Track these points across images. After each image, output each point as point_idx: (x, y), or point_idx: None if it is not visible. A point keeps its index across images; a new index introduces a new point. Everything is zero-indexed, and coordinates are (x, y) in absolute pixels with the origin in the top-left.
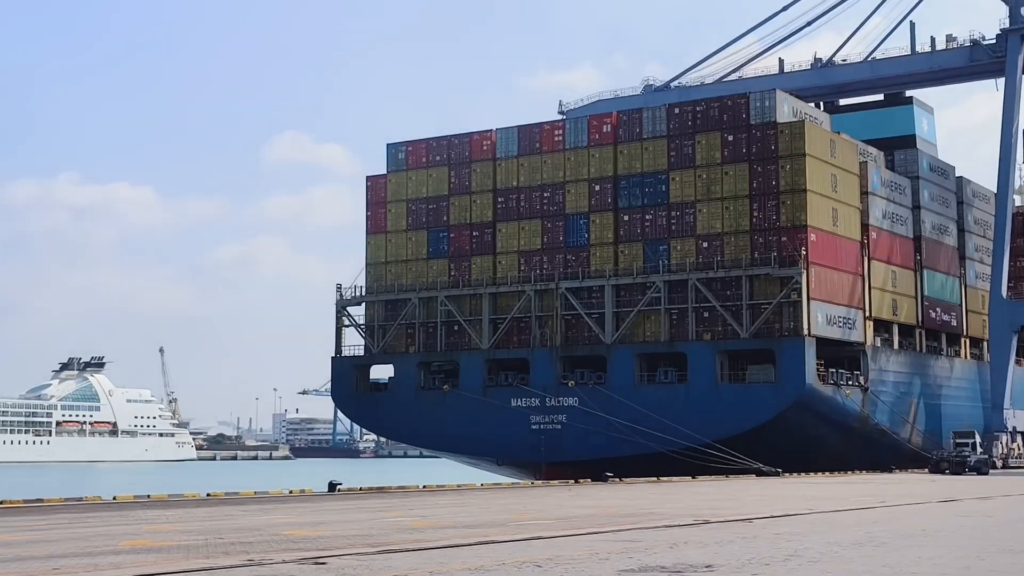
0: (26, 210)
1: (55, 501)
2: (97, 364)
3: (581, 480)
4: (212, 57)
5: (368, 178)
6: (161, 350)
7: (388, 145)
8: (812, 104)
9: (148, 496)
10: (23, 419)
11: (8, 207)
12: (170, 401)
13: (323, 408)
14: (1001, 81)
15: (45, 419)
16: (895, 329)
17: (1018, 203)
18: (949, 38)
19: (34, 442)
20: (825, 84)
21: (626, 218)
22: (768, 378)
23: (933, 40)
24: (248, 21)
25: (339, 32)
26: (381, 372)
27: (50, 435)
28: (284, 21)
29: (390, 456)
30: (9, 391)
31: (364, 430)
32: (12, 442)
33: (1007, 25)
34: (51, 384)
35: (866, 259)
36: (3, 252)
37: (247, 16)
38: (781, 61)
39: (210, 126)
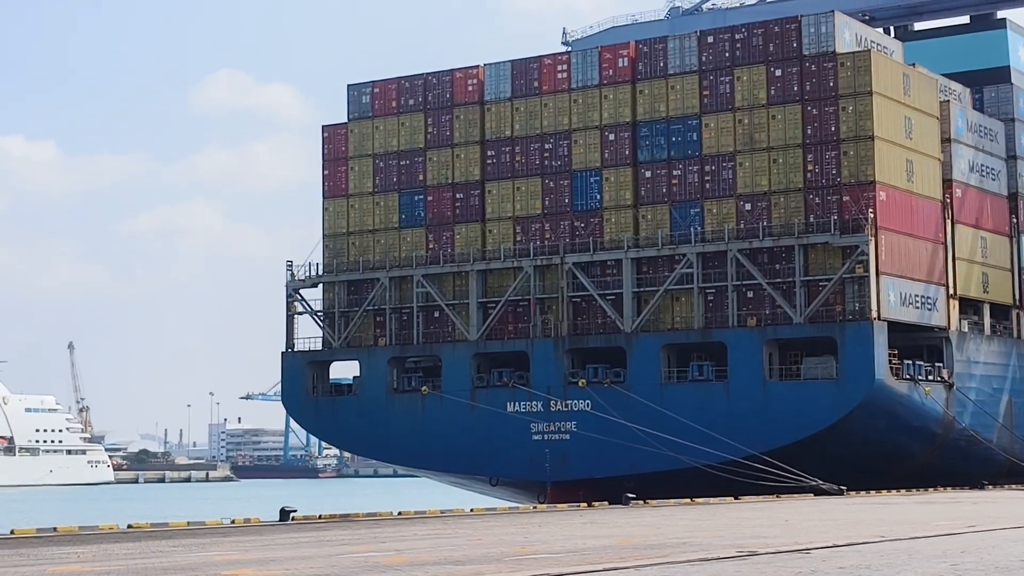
0: None
1: None
2: None
3: (596, 503)
4: None
5: (324, 128)
6: (70, 346)
7: (349, 87)
8: (880, 29)
9: (54, 529)
10: None
11: None
12: (80, 410)
13: (272, 417)
14: None
15: None
16: (986, 310)
17: None
18: None
19: None
20: (896, 3)
21: (648, 174)
22: (828, 373)
23: None
24: None
25: None
26: (344, 370)
27: None
28: None
29: (356, 475)
30: None
31: (323, 443)
32: None
33: None
34: None
35: (949, 223)
36: None
37: None
38: None
39: (124, 65)
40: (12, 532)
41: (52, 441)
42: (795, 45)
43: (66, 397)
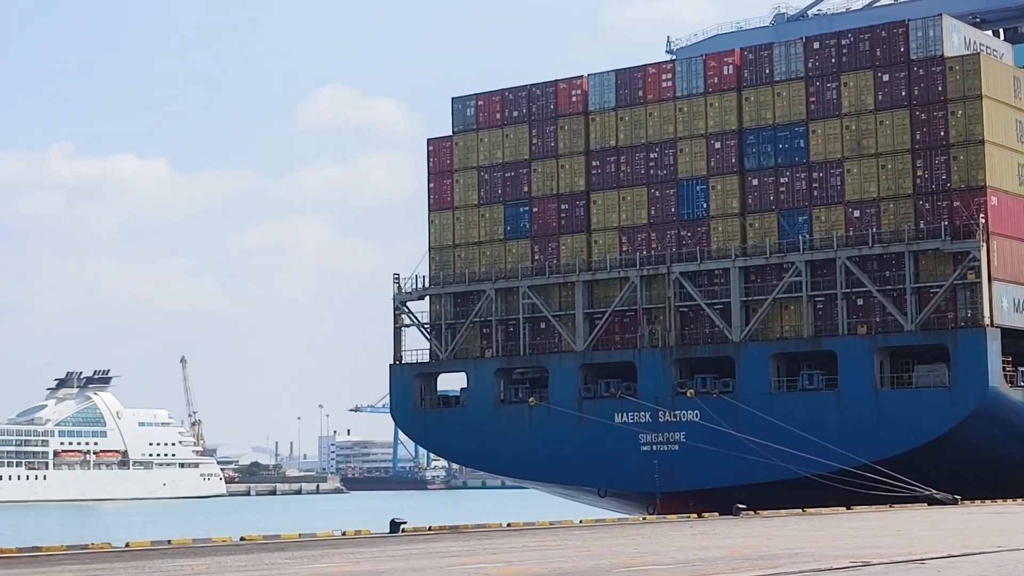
0: (10, 190)
1: (56, 549)
2: (102, 379)
3: (705, 514)
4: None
5: (429, 141)
6: (182, 360)
7: (453, 100)
8: (989, 32)
9: (168, 542)
10: (14, 448)
11: None
12: (193, 423)
13: (381, 429)
14: None
15: (40, 448)
16: None
17: None
18: None
19: (28, 476)
20: (1006, 5)
21: (755, 182)
22: (941, 381)
23: None
24: None
25: None
26: (451, 382)
27: (46, 468)
28: None
29: (465, 487)
30: None
31: (432, 455)
32: (1, 476)
33: None
34: (47, 405)
35: None
36: None
37: None
38: None
39: (233, 83)
40: (127, 545)
41: (165, 455)
42: (902, 50)
43: (179, 411)
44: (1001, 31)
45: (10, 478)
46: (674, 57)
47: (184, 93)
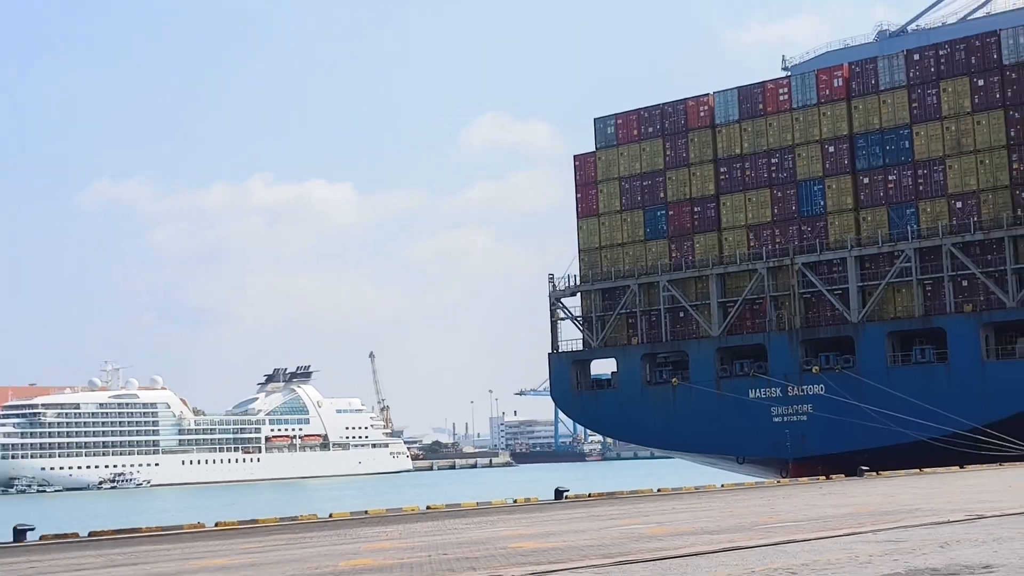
0: (216, 215)
1: (270, 521)
2: (304, 374)
3: (833, 476)
4: (400, 40)
5: (575, 157)
6: (371, 355)
7: (595, 120)
8: None
9: (365, 512)
10: (231, 436)
11: (203, 214)
12: (382, 409)
13: (543, 409)
14: None
15: (254, 435)
16: None
17: None
18: None
19: (243, 460)
20: None
21: (866, 180)
22: None
23: None
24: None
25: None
26: (602, 367)
27: (259, 452)
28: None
29: (618, 458)
30: (216, 407)
31: (588, 431)
32: (222, 460)
33: None
34: (257, 398)
35: None
36: (200, 261)
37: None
38: None
39: (405, 114)
40: (331, 516)
41: (359, 437)
42: (995, 56)
43: (369, 399)
44: None
45: (229, 461)
46: (789, 73)
47: (364, 125)
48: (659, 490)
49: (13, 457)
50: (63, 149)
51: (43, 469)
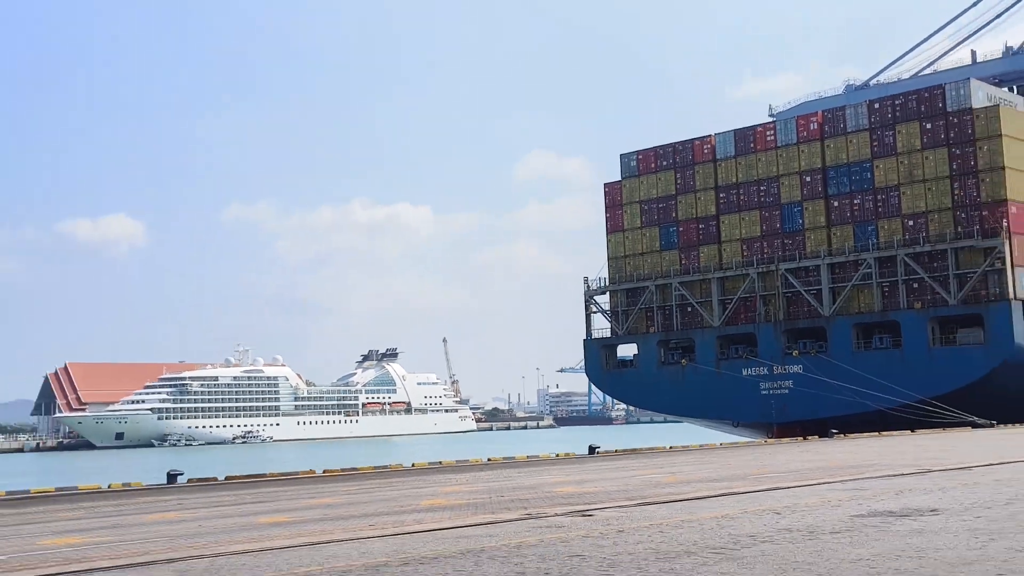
0: (326, 231)
1: (366, 469)
2: (392, 354)
3: (808, 437)
4: (466, 94)
5: (605, 185)
6: (444, 340)
7: (621, 155)
8: (1006, 89)
9: (440, 462)
10: (335, 403)
11: (314, 229)
12: (452, 382)
13: (579, 383)
14: None
15: (353, 402)
16: None
17: None
18: None
19: (344, 421)
20: (1018, 69)
21: (836, 204)
22: (977, 340)
23: None
24: (492, 62)
25: (569, 59)
26: (626, 351)
27: (357, 415)
28: (525, 56)
29: (638, 422)
30: (323, 380)
31: (615, 400)
32: (327, 421)
33: None
34: (355, 373)
35: None
36: (314, 266)
37: (491, 57)
38: (973, 53)
39: (471, 152)
40: (413, 465)
41: (435, 404)
42: (941, 105)
43: (442, 374)
44: (1015, 88)
45: (333, 422)
46: (774, 119)
47: (440, 159)
48: (671, 447)
49: (166, 418)
50: (211, 178)
51: (189, 428)
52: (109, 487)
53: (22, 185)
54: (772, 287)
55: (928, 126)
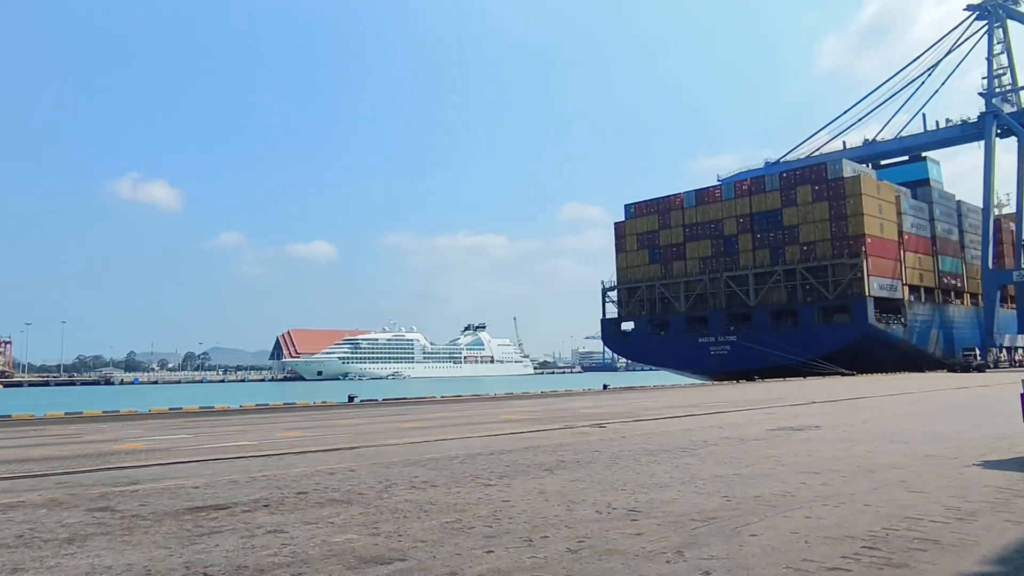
0: (443, 251)
1: (467, 397)
2: (482, 327)
3: (740, 381)
4: (524, 161)
5: (615, 224)
6: (514, 319)
7: (625, 204)
8: (865, 165)
9: (511, 393)
10: (447, 355)
11: (435, 250)
12: (519, 344)
13: (597, 345)
14: (981, 143)
15: (458, 355)
16: (921, 290)
17: (996, 214)
18: (947, 120)
19: (453, 367)
20: (872, 153)
21: (759, 236)
22: (846, 321)
23: (936, 123)
24: (544, 140)
25: (595, 141)
26: (627, 326)
27: (461, 363)
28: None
29: (634, 370)
30: (440, 341)
31: (619, 356)
32: (442, 367)
33: (984, 110)
34: (460, 337)
35: (902, 251)
36: (433, 273)
37: (544, 136)
38: (844, 143)
39: (531, 199)
40: (494, 395)
41: (508, 357)
42: (824, 175)
43: (513, 339)
44: (870, 164)
45: (445, 367)
46: (721, 183)
47: (513, 203)
48: (654, 386)
49: (347, 363)
50: (375, 216)
51: (362, 369)
52: (314, 403)
53: (269, 221)
54: (717, 287)
55: (816, 188)
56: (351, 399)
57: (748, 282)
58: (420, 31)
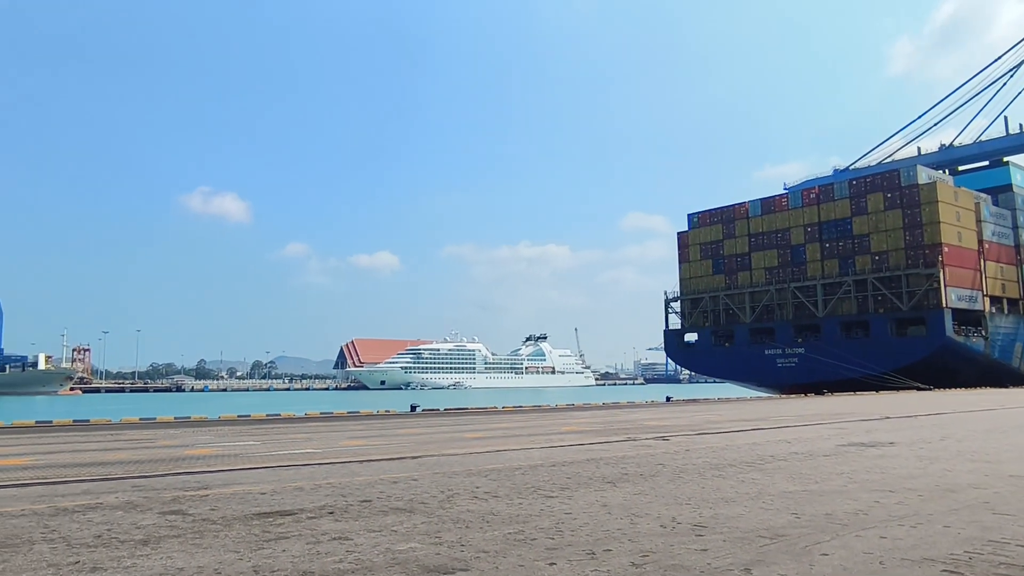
0: (504, 261)
1: (527, 407)
2: (543, 337)
3: (808, 394)
4: (589, 173)
5: (678, 234)
6: (575, 329)
7: (688, 214)
8: (941, 171)
9: (573, 404)
10: (509, 366)
11: (495, 261)
12: (580, 355)
13: (660, 356)
14: None
15: (519, 365)
16: (1004, 301)
17: None
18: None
19: (514, 377)
20: (949, 159)
21: (827, 245)
22: (922, 334)
23: (1021, 125)
24: (606, 151)
25: (659, 151)
26: (690, 337)
27: (523, 373)
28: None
29: (697, 382)
30: (501, 351)
31: (682, 368)
32: (503, 377)
33: None
34: (521, 348)
35: (983, 260)
36: (495, 283)
37: (604, 147)
38: (918, 148)
39: (593, 209)
40: (556, 406)
41: (569, 368)
42: (898, 182)
43: (574, 350)
44: (947, 170)
45: (506, 378)
46: (787, 191)
47: (573, 214)
48: (718, 399)
49: (409, 373)
50: (437, 227)
51: (423, 379)
52: (377, 412)
53: (333, 232)
54: (784, 298)
55: (889, 195)
56: (413, 408)
57: (816, 293)
58: (479, 45)
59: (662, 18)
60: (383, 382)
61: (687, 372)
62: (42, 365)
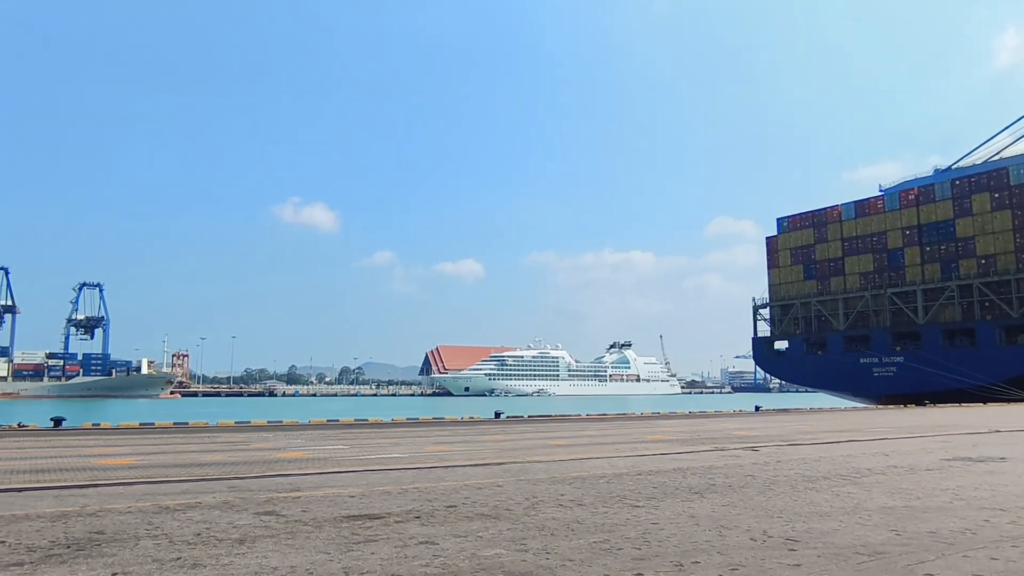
0: (587, 268)
1: (611, 415)
2: (627, 344)
3: (907, 406)
4: (676, 180)
5: (767, 238)
6: (660, 336)
7: (777, 218)
8: None
9: (658, 412)
10: (592, 373)
11: (579, 267)
12: (665, 363)
13: (748, 365)
14: None
15: (603, 373)
16: None
17: None
18: None
19: (598, 384)
20: None
21: (928, 249)
22: None
23: None
24: (695, 158)
25: (745, 157)
26: (780, 345)
27: (606, 381)
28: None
29: (787, 392)
30: (585, 358)
31: (772, 377)
32: (587, 385)
33: None
34: (605, 355)
35: None
36: (577, 290)
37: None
38: None
39: (678, 215)
40: (641, 414)
41: (654, 376)
42: (1006, 180)
43: (659, 357)
44: None
45: (590, 385)
46: (883, 193)
47: (658, 221)
48: (810, 408)
49: (493, 379)
50: (520, 235)
51: (507, 385)
52: (462, 419)
53: (419, 241)
54: (880, 304)
55: (996, 195)
56: (497, 415)
57: (916, 299)
58: (557, 56)
59: (749, 17)
60: (467, 388)
61: (776, 381)
62: (145, 370)
